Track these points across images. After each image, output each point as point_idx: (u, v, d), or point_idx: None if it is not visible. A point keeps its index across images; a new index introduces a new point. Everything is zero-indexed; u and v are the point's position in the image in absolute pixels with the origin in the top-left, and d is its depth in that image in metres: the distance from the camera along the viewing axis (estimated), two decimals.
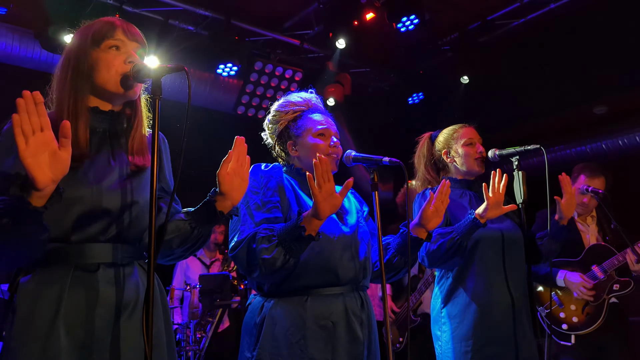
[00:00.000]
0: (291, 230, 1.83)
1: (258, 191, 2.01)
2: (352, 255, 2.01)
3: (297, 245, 1.83)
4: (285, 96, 2.28)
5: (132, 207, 1.56)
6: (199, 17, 5.33)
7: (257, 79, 5.97)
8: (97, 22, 1.64)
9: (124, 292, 1.52)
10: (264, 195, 2.00)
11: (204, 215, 1.64)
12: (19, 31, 4.86)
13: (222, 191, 1.61)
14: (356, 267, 2.02)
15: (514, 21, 5.57)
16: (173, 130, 1.92)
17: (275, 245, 1.83)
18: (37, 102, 1.28)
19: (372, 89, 7.09)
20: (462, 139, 2.76)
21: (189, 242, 1.66)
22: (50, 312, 1.43)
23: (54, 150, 1.30)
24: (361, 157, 2.08)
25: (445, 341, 2.59)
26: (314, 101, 2.25)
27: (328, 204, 1.80)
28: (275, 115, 2.23)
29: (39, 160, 1.27)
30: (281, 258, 1.83)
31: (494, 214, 2.43)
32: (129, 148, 1.64)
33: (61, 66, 1.62)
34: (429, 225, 2.18)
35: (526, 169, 2.75)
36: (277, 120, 2.21)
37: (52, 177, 1.30)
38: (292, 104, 2.22)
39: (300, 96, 2.25)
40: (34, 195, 1.30)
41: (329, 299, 1.95)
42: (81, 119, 1.55)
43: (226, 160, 1.62)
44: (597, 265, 3.36)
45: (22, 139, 1.25)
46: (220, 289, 4.65)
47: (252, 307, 2.04)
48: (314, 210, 1.81)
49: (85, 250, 1.49)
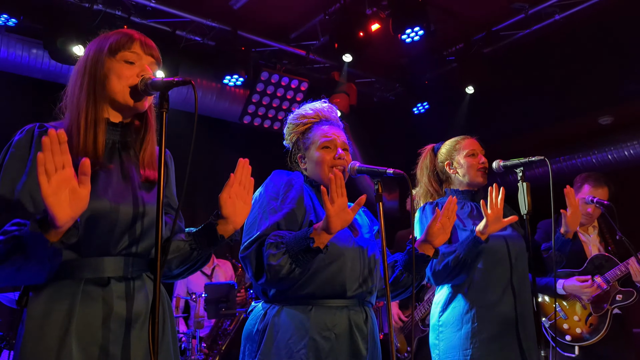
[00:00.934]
0: (300, 241, 1.84)
1: (277, 197, 2.03)
2: (361, 270, 2.01)
3: (303, 255, 1.84)
4: (298, 107, 2.31)
5: (144, 220, 1.56)
6: (206, 28, 5.39)
7: (263, 89, 6.01)
8: (116, 32, 1.65)
9: (134, 306, 1.52)
10: (282, 203, 2.01)
11: (205, 237, 1.64)
12: (28, 42, 4.92)
13: (224, 215, 1.60)
14: (364, 282, 2.02)
15: (518, 32, 5.59)
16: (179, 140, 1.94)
17: (282, 253, 1.84)
18: (61, 141, 1.28)
19: (377, 99, 7.12)
20: (465, 150, 2.78)
21: (188, 262, 1.66)
22: (61, 327, 1.43)
23: (74, 188, 1.30)
24: (365, 169, 2.09)
25: (442, 350, 2.59)
26: (324, 112, 2.26)
27: (339, 218, 1.81)
28: (288, 127, 2.28)
29: (60, 198, 1.28)
30: (287, 266, 1.84)
31: (494, 229, 2.43)
32: (139, 161, 1.64)
33: (77, 73, 1.62)
34: (436, 242, 2.18)
35: (531, 179, 2.76)
36: (289, 133, 2.27)
37: (71, 214, 1.30)
38: (302, 117, 2.25)
39: (312, 107, 2.27)
40: (52, 232, 1.30)
41: (334, 310, 1.96)
42: (100, 128, 1.55)
43: (229, 183, 1.61)
44: (600, 276, 3.36)
45: (45, 177, 1.26)
46: (226, 298, 4.66)
47: (254, 314, 2.04)
48: (325, 224, 1.81)
49: (97, 264, 1.49)
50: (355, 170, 2.11)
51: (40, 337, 1.42)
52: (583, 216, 3.55)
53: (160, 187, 1.43)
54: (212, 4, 5.18)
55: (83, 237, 1.46)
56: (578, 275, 3.43)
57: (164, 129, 1.47)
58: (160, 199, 1.42)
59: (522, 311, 2.54)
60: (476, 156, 2.76)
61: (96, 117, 1.55)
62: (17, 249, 1.32)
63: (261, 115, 6.22)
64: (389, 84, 6.89)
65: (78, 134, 1.52)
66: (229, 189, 1.61)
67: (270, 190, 2.04)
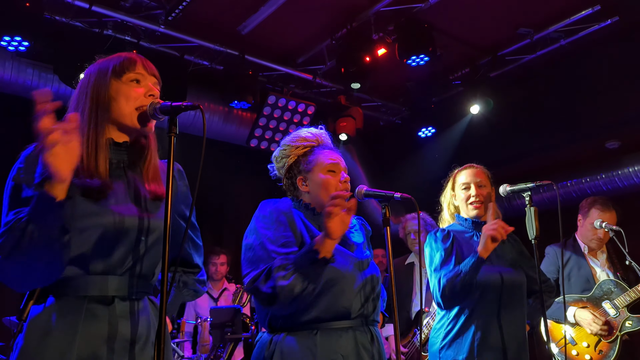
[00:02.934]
0: (305, 256, 1.84)
1: (269, 226, 2.02)
2: (363, 290, 2.01)
3: (313, 269, 1.84)
4: (295, 130, 2.30)
5: (149, 238, 1.57)
6: (214, 52, 5.45)
7: (270, 113, 6.06)
8: (117, 56, 1.67)
9: (137, 327, 1.52)
10: (276, 230, 2.00)
11: None
12: (38, 66, 4.99)
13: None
14: (366, 302, 2.01)
15: (524, 57, 5.63)
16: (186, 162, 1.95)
17: (292, 273, 1.84)
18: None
19: (383, 123, 7.15)
20: (458, 183, 2.84)
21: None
22: (64, 343, 1.43)
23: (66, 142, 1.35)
24: (372, 193, 2.08)
25: None
26: (323, 137, 2.26)
27: (339, 219, 1.82)
28: (285, 149, 2.24)
29: (57, 154, 1.32)
30: (299, 285, 1.83)
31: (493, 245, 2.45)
32: (144, 178, 1.65)
33: (78, 97, 1.63)
34: None
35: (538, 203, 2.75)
36: (287, 154, 2.22)
37: (70, 166, 1.35)
38: (303, 139, 2.23)
39: (310, 132, 2.27)
40: (56, 189, 1.35)
41: (339, 332, 1.94)
42: (101, 151, 1.57)
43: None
44: (609, 301, 3.32)
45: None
46: (232, 322, 4.62)
47: (261, 342, 2.03)
48: (326, 230, 1.82)
49: (103, 282, 1.50)
50: (363, 194, 2.11)
51: (39, 352, 1.42)
52: (593, 241, 3.52)
53: (168, 204, 1.43)
54: (221, 29, 5.25)
55: (89, 254, 1.48)
56: (586, 300, 3.39)
57: (172, 153, 1.48)
58: (167, 218, 1.42)
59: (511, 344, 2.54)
60: (468, 189, 2.77)
61: (97, 141, 1.57)
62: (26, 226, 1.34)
63: (268, 138, 6.26)
64: (395, 108, 6.92)
65: (80, 157, 1.53)
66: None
67: (261, 221, 2.04)
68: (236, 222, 6.80)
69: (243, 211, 6.83)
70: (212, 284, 5.72)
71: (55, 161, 1.32)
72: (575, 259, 3.57)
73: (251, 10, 4.99)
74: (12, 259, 1.36)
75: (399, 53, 5.01)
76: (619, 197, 5.28)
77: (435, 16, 5.02)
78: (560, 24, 5.14)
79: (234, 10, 5.01)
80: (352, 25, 5.15)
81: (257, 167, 6.70)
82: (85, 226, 1.43)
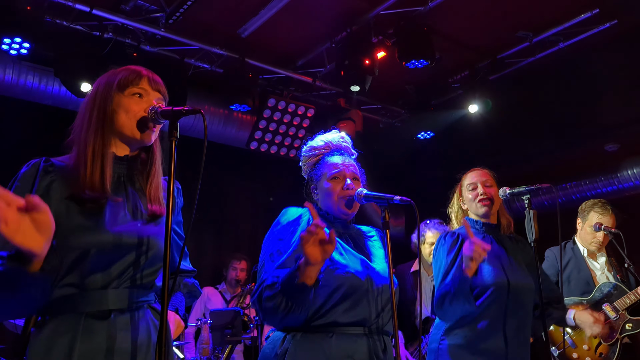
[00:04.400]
0: (289, 276, 1.81)
1: (283, 237, 2.02)
2: (378, 298, 2.00)
3: (297, 291, 1.80)
4: (312, 139, 2.33)
5: (148, 254, 1.56)
6: (214, 55, 5.47)
7: (270, 115, 6.07)
8: (125, 69, 1.68)
9: (137, 337, 1.52)
10: (287, 244, 2.00)
11: None
12: (39, 69, 5.00)
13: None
14: (382, 311, 2.01)
15: (523, 60, 5.64)
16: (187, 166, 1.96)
17: (277, 294, 1.83)
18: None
19: (383, 125, 7.16)
20: (466, 184, 2.83)
21: None
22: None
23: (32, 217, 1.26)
24: (372, 196, 2.08)
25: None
26: (335, 142, 2.27)
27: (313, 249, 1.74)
28: (302, 159, 2.30)
29: (25, 232, 1.24)
30: (282, 306, 1.82)
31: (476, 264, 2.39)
32: (147, 195, 1.65)
33: (85, 108, 1.65)
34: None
35: (537, 206, 2.76)
36: (303, 165, 2.30)
37: (44, 240, 1.27)
38: (314, 149, 2.27)
39: (322, 139, 2.28)
40: (34, 263, 1.29)
41: (354, 338, 1.94)
42: (107, 164, 1.57)
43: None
44: (609, 304, 3.33)
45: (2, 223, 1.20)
46: (232, 324, 4.62)
47: (272, 339, 2.02)
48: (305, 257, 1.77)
49: (100, 298, 1.49)
50: (362, 197, 2.11)
51: None
52: (592, 244, 3.53)
53: (169, 213, 1.43)
54: (221, 32, 5.26)
55: (87, 271, 1.47)
56: (586, 302, 3.40)
57: (174, 157, 1.48)
58: (168, 231, 1.43)
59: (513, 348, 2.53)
60: (475, 189, 2.77)
61: (103, 151, 1.57)
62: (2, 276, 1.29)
63: (268, 141, 6.27)
64: (395, 111, 6.93)
65: (85, 168, 1.54)
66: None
67: (277, 230, 2.05)
68: (236, 224, 6.81)
69: (243, 213, 6.85)
70: (227, 286, 5.74)
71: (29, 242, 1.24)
72: (575, 262, 3.58)
73: (251, 13, 5.00)
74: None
75: (398, 56, 5.02)
76: (618, 200, 5.29)
77: (435, 19, 5.03)
78: (559, 27, 5.15)
79: (234, 14, 5.02)
80: (352, 29, 5.17)
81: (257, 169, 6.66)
82: (82, 242, 1.42)
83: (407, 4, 4.89)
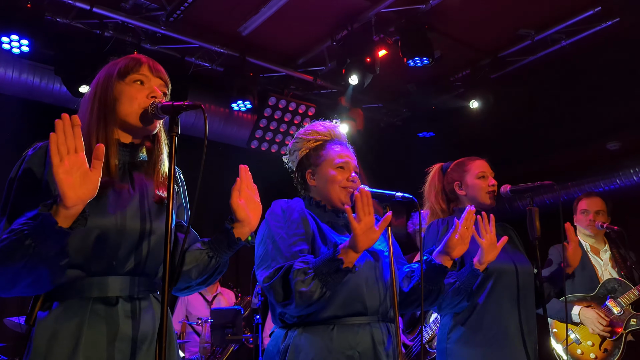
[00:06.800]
0: (328, 263, 1.82)
1: (282, 225, 2.00)
2: (378, 285, 2.00)
3: (334, 277, 1.82)
4: (310, 124, 2.29)
5: (151, 239, 1.57)
6: (214, 54, 5.46)
7: (270, 114, 6.06)
8: (125, 58, 1.68)
9: (141, 326, 1.52)
10: (289, 229, 1.99)
11: (222, 243, 1.63)
12: (40, 67, 5.00)
13: (239, 218, 1.61)
14: (383, 297, 2.00)
15: (525, 58, 5.63)
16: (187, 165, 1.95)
17: (312, 278, 1.82)
18: (74, 124, 1.33)
19: (384, 124, 7.15)
20: (475, 172, 2.73)
21: (207, 272, 1.65)
22: (70, 347, 1.43)
23: (85, 171, 1.33)
24: (374, 193, 2.08)
25: None
26: (337, 132, 2.25)
27: (367, 237, 1.80)
28: (298, 141, 2.24)
29: (72, 177, 1.30)
30: (318, 291, 1.81)
31: (492, 257, 2.37)
32: (154, 182, 1.65)
33: (88, 98, 1.65)
34: (454, 254, 2.18)
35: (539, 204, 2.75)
36: (299, 147, 2.22)
37: (82, 196, 1.32)
38: (316, 132, 2.22)
39: (324, 125, 2.26)
40: (61, 214, 1.31)
41: (356, 328, 1.93)
42: (111, 149, 1.57)
43: (236, 187, 1.62)
44: (613, 300, 3.32)
45: (58, 157, 1.30)
46: (232, 323, 4.62)
47: (275, 335, 2.02)
48: (352, 243, 1.80)
49: (105, 283, 1.50)
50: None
51: (48, 356, 1.42)
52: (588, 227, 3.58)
53: (169, 205, 1.43)
54: (221, 31, 5.25)
55: (90, 255, 1.48)
56: (590, 299, 3.39)
57: (174, 152, 1.49)
58: (169, 217, 1.43)
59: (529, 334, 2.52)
60: (486, 179, 2.71)
61: (107, 139, 1.57)
62: (24, 239, 1.31)
63: (268, 140, 6.27)
64: (396, 109, 6.92)
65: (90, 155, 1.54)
66: (238, 192, 1.62)
67: (273, 220, 2.03)
68: None
69: None
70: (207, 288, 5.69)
71: (67, 186, 1.30)
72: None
73: (252, 11, 4.99)
74: (3, 266, 1.34)
75: (401, 52, 5.01)
76: (620, 198, 5.28)
77: (436, 17, 5.02)
78: (561, 25, 5.13)
79: (234, 12, 5.01)
80: (353, 27, 5.15)
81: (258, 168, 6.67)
82: (87, 227, 1.42)
83: (408, 2, 4.88)
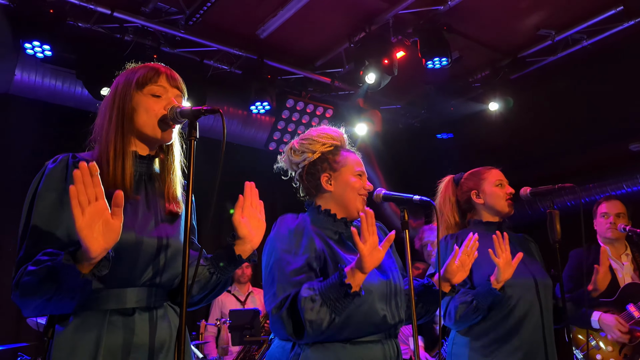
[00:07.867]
0: (335, 288, 1.77)
1: (290, 249, 1.94)
2: (389, 304, 1.97)
3: (342, 302, 1.77)
4: (317, 127, 2.20)
5: (167, 252, 1.57)
6: (233, 56, 5.50)
7: (288, 116, 6.08)
8: (143, 66, 1.68)
9: (158, 335, 1.54)
10: (296, 255, 1.92)
11: (223, 259, 1.63)
12: (62, 72, 5.07)
13: (241, 235, 1.61)
14: (393, 315, 1.97)
15: (545, 58, 5.57)
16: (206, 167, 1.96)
17: (320, 306, 1.77)
18: (92, 173, 1.30)
19: (402, 125, 7.12)
20: (492, 180, 2.70)
21: (208, 288, 1.65)
22: (89, 358, 1.44)
23: (107, 220, 1.32)
24: (391, 196, 2.06)
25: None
26: (346, 140, 2.20)
27: (373, 257, 1.76)
28: (310, 143, 2.11)
29: (94, 230, 1.29)
30: (327, 318, 1.77)
31: (508, 275, 2.36)
32: (165, 194, 1.66)
33: (106, 106, 1.65)
34: (454, 280, 2.16)
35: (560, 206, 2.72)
36: (310, 149, 2.10)
37: (104, 245, 1.32)
38: (330, 136, 2.14)
39: (336, 131, 2.19)
40: (85, 264, 1.32)
41: (369, 345, 1.91)
42: (128, 162, 1.58)
43: (239, 204, 1.61)
44: (633, 304, 3.26)
45: (79, 210, 1.28)
46: (251, 325, 4.64)
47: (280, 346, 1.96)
48: (359, 264, 1.75)
49: (123, 295, 1.51)
50: (381, 197, 2.09)
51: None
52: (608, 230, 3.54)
53: (187, 217, 1.44)
54: (239, 34, 5.28)
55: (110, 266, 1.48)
56: (611, 304, 3.34)
57: (192, 156, 1.49)
58: (187, 229, 1.43)
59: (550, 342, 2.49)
60: (503, 186, 2.69)
61: (124, 150, 1.58)
62: (49, 279, 1.33)
63: (287, 141, 6.25)
64: (414, 111, 6.89)
65: (107, 165, 1.55)
66: (240, 210, 1.61)
67: (279, 242, 1.96)
68: None
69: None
70: (238, 287, 5.77)
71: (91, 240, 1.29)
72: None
73: (270, 14, 5.01)
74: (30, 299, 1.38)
75: (420, 53, 4.99)
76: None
77: (455, 18, 4.99)
78: (582, 25, 5.07)
79: (252, 15, 5.04)
80: (371, 29, 5.14)
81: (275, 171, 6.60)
82: None
83: (426, 3, 4.87)
